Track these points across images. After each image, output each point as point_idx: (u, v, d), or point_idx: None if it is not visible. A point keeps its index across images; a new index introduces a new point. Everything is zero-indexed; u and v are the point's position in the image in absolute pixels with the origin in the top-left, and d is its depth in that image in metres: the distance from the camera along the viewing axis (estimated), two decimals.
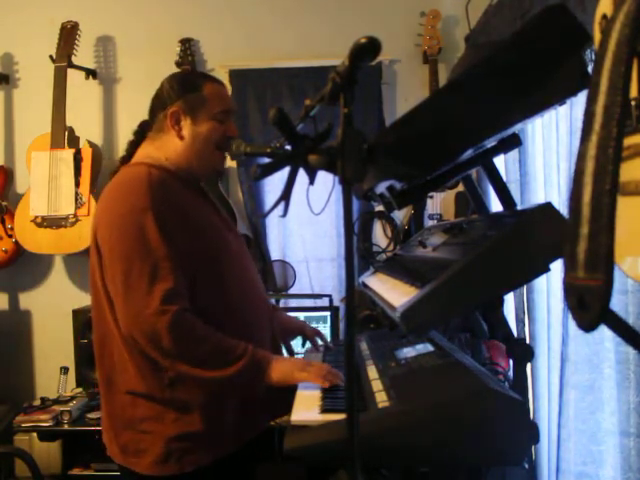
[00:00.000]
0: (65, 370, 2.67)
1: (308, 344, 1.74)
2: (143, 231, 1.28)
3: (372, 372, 1.30)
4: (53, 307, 2.96)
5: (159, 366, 1.31)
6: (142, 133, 1.51)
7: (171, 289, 1.26)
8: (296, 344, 1.75)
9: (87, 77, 2.96)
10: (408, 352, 1.36)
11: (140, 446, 1.34)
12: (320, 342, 1.72)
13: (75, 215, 2.71)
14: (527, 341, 1.90)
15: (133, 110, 2.85)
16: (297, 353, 1.75)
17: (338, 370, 1.33)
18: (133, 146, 1.52)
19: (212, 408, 1.35)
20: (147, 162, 1.41)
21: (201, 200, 1.49)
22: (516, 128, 1.09)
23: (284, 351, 1.70)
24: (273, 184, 2.87)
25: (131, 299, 1.26)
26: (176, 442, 1.32)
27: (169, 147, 1.44)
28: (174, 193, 1.38)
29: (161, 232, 1.29)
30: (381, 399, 1.11)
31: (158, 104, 1.46)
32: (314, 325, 2.35)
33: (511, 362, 1.17)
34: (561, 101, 0.96)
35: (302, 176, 0.95)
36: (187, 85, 1.44)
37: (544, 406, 1.85)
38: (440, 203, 2.65)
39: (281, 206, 0.95)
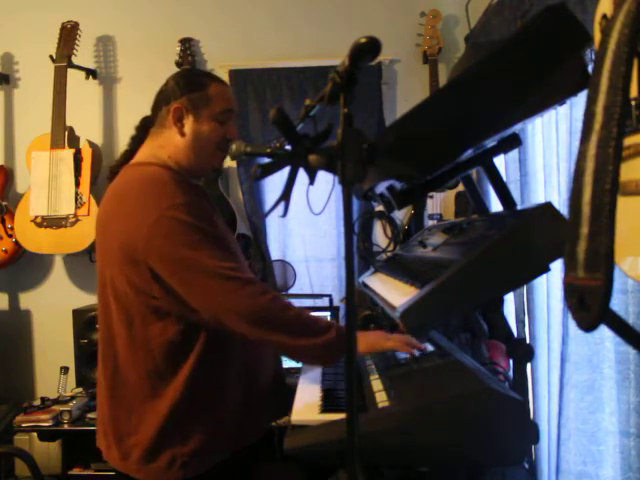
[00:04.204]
0: (65, 370, 2.67)
1: None
2: (193, 223, 1.28)
3: (372, 372, 1.30)
4: (53, 307, 2.96)
5: (162, 368, 1.31)
6: (144, 128, 1.50)
7: (238, 266, 1.30)
8: None
9: (87, 77, 2.96)
10: None
11: (143, 452, 1.32)
12: None
13: (75, 215, 2.71)
14: (527, 341, 1.90)
15: (133, 110, 2.85)
16: None
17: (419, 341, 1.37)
18: (136, 141, 1.51)
19: (214, 412, 1.34)
20: (155, 162, 1.40)
21: (204, 201, 1.49)
22: (516, 128, 1.09)
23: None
24: (273, 184, 2.88)
25: (211, 286, 1.25)
26: (180, 447, 1.30)
27: (170, 143, 1.43)
28: (189, 193, 1.38)
29: (208, 223, 1.32)
30: (381, 399, 1.11)
31: (162, 99, 1.45)
32: None
33: (511, 362, 1.17)
34: (561, 101, 0.96)
35: (302, 176, 0.95)
36: (192, 83, 1.43)
37: (544, 406, 1.85)
38: (440, 203, 2.65)
39: (281, 206, 0.95)
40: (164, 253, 1.26)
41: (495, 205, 1.98)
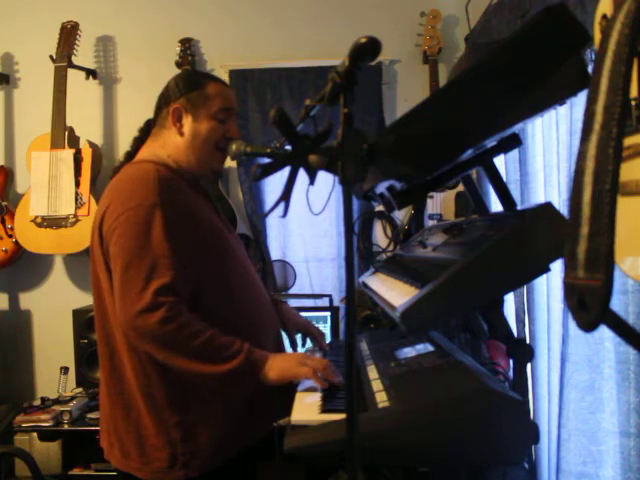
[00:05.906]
0: (65, 370, 2.67)
1: (309, 343, 1.74)
2: (148, 227, 1.28)
3: (372, 372, 1.30)
4: (53, 307, 2.96)
5: (149, 367, 1.31)
6: (147, 130, 1.52)
7: (167, 283, 1.25)
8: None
9: (87, 77, 2.96)
10: (408, 352, 1.36)
11: (144, 451, 1.32)
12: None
13: (75, 215, 2.71)
14: (527, 341, 1.90)
15: (133, 110, 2.88)
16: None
17: (337, 370, 1.33)
18: (138, 142, 1.53)
19: (214, 412, 1.34)
20: (153, 160, 1.42)
21: (203, 199, 1.50)
22: (516, 128, 1.09)
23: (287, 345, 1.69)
24: (273, 184, 2.88)
25: (126, 295, 1.25)
26: (181, 446, 1.30)
27: (170, 143, 1.45)
28: (180, 191, 1.39)
29: (166, 229, 1.28)
30: (381, 399, 1.11)
31: (163, 101, 1.48)
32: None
33: (511, 362, 1.17)
34: (561, 101, 0.96)
35: (302, 176, 0.95)
36: (191, 83, 1.46)
37: (544, 406, 1.85)
38: (440, 203, 2.65)
39: (281, 206, 0.95)
40: (114, 249, 1.30)
41: (495, 205, 1.98)
